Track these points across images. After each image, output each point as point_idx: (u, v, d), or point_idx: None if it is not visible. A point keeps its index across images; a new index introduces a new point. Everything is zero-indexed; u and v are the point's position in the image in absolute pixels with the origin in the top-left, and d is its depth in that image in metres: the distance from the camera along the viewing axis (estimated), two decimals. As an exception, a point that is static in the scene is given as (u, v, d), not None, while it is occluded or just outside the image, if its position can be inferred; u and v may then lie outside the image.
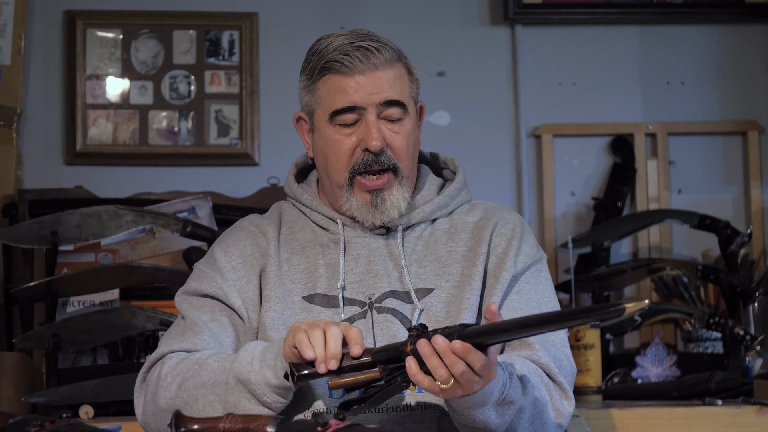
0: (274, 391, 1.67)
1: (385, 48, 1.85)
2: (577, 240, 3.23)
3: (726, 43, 3.68)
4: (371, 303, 1.84)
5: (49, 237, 2.85)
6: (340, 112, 1.85)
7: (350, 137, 1.85)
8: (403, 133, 1.86)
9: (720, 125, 3.65)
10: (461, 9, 3.65)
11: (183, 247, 3.05)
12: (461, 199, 1.96)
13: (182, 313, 1.91)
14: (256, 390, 1.67)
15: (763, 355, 2.95)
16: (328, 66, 1.84)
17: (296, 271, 1.89)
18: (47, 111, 3.52)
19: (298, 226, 1.95)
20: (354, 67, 1.82)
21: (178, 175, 3.52)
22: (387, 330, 1.82)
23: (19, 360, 2.89)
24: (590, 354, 2.84)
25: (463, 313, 1.82)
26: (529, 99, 3.63)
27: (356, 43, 1.84)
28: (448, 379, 1.53)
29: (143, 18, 3.56)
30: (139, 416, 1.86)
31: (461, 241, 1.90)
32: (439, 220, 1.94)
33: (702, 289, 3.31)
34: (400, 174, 1.87)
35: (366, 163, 1.85)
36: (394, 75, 1.85)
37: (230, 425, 1.44)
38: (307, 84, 1.90)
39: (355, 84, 1.83)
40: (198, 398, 1.73)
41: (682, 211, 3.31)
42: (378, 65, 1.83)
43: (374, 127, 1.83)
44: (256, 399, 1.68)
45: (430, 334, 1.55)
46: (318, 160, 1.93)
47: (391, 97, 1.84)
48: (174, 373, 1.77)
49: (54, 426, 1.39)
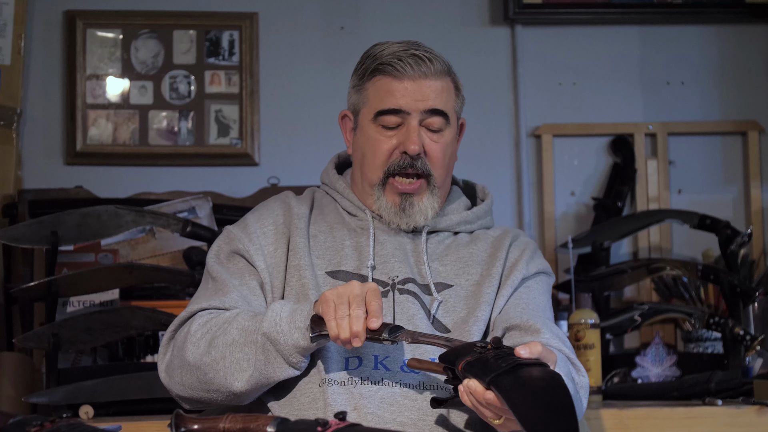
0: (301, 352, 1.74)
1: (437, 60, 1.93)
2: (577, 240, 3.24)
3: (726, 43, 3.68)
4: (394, 284, 1.90)
5: (49, 237, 2.85)
6: (384, 113, 1.92)
7: (391, 139, 1.92)
8: (441, 144, 1.94)
9: (720, 125, 3.65)
10: (461, 9, 3.65)
11: (183, 247, 3.06)
12: (484, 223, 2.05)
13: (212, 275, 1.94)
14: (284, 351, 1.73)
15: (763, 355, 2.95)
16: (380, 68, 1.92)
17: (322, 248, 1.95)
18: (47, 111, 3.52)
19: (329, 210, 2.02)
20: (405, 72, 1.90)
21: (178, 175, 3.52)
22: (406, 310, 1.87)
23: (19, 360, 2.89)
24: (590, 354, 2.84)
25: (481, 306, 1.88)
26: (529, 99, 3.63)
27: (410, 51, 1.92)
28: (496, 416, 1.58)
29: (143, 18, 3.56)
30: (162, 371, 1.88)
31: (482, 247, 1.98)
32: (461, 234, 2.01)
33: (702, 289, 3.31)
34: (432, 182, 1.94)
35: (402, 165, 1.92)
36: (442, 86, 1.93)
37: (230, 425, 1.44)
38: (357, 83, 1.97)
39: (403, 88, 1.91)
40: (226, 356, 1.77)
41: (682, 211, 3.31)
42: (428, 74, 1.91)
43: (415, 132, 1.90)
44: (283, 359, 1.74)
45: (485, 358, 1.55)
46: (356, 157, 2.00)
47: (436, 106, 1.92)
48: (204, 330, 1.81)
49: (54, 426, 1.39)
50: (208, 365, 1.78)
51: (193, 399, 1.85)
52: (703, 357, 3.09)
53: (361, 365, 1.81)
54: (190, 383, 1.81)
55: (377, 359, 1.81)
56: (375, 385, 1.79)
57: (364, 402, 1.76)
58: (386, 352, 1.82)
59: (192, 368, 1.80)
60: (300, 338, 1.72)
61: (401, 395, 1.78)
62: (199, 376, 1.80)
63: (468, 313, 1.88)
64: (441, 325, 1.87)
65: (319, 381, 1.79)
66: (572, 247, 3.15)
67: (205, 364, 1.78)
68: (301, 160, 3.52)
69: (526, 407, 1.42)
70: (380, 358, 1.82)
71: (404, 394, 1.79)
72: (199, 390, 1.81)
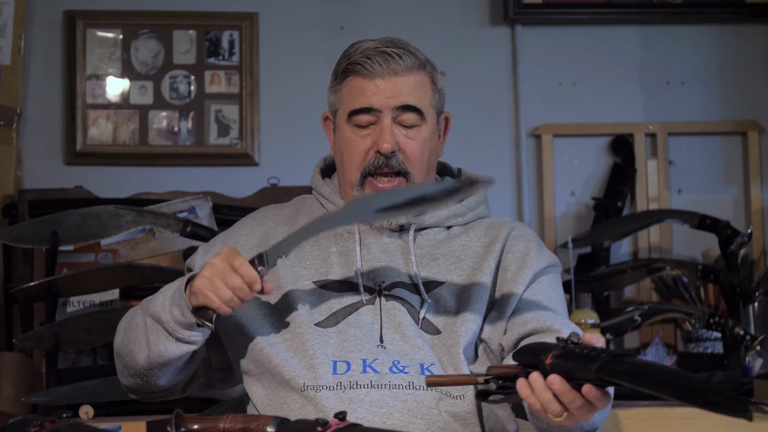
0: (184, 326, 1.77)
1: (408, 55, 1.89)
2: (577, 240, 3.23)
3: (726, 43, 3.68)
4: (380, 290, 1.87)
5: (49, 237, 2.86)
6: (357, 113, 1.89)
7: (365, 139, 1.89)
8: (417, 140, 1.90)
9: (720, 125, 3.65)
10: (461, 9, 3.65)
11: (183, 247, 3.06)
12: (479, 213, 1.99)
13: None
14: (168, 328, 1.77)
15: (763, 355, 2.95)
16: (351, 68, 1.90)
17: (309, 257, 1.92)
18: (47, 111, 3.52)
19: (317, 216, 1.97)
20: (374, 71, 1.87)
21: (178, 175, 3.52)
22: (393, 318, 1.84)
23: (19, 360, 2.89)
24: (590, 354, 2.84)
25: (472, 304, 1.85)
26: (529, 99, 3.63)
27: (381, 48, 1.89)
28: (561, 412, 1.52)
29: (143, 18, 3.56)
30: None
31: (475, 236, 1.94)
32: (454, 228, 1.97)
33: (702, 289, 3.31)
34: (411, 180, 1.89)
35: (377, 165, 1.88)
36: (415, 82, 1.90)
37: (230, 425, 1.44)
38: (333, 84, 1.96)
39: (374, 87, 1.88)
40: (131, 339, 1.86)
41: (682, 211, 3.31)
42: (398, 71, 1.88)
43: (387, 130, 1.87)
44: (172, 336, 1.78)
45: (574, 351, 1.48)
46: (337, 158, 1.98)
47: (408, 102, 1.88)
48: (125, 320, 1.92)
49: (54, 426, 1.39)
50: (122, 349, 1.89)
51: (132, 387, 1.93)
52: (703, 357, 3.09)
53: (350, 369, 1.80)
54: (120, 370, 1.93)
55: (365, 362, 1.80)
56: (364, 389, 1.77)
57: (354, 406, 1.75)
58: (374, 355, 1.80)
59: (117, 355, 1.92)
60: (179, 314, 1.76)
61: (391, 397, 1.77)
62: (121, 360, 1.91)
63: (458, 310, 1.85)
64: (431, 326, 1.85)
65: (308, 386, 1.78)
66: (572, 247, 3.15)
67: (120, 348, 1.90)
68: (301, 160, 3.52)
69: (680, 387, 1.38)
70: (368, 361, 1.80)
71: (394, 395, 1.78)
72: (127, 376, 1.91)
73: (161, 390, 1.92)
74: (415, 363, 1.80)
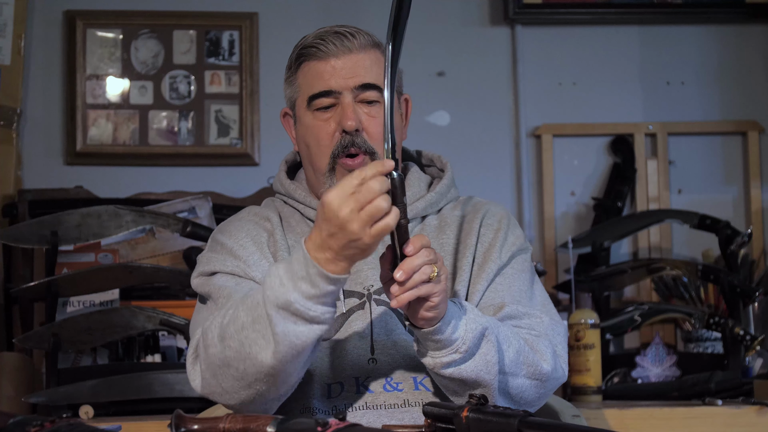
0: (317, 301, 1.59)
1: (361, 34, 1.88)
2: (577, 240, 3.23)
3: (726, 43, 3.68)
4: (369, 294, 1.85)
5: (49, 237, 2.85)
6: (317, 96, 1.86)
7: (328, 122, 1.86)
8: (380, 118, 1.84)
9: (720, 125, 3.65)
10: (461, 9, 3.65)
11: (183, 247, 3.06)
12: (450, 197, 1.97)
13: (206, 291, 1.84)
14: (299, 308, 1.58)
15: (763, 355, 2.95)
16: (305, 53, 1.88)
17: None
18: (47, 111, 3.52)
19: (295, 220, 1.94)
20: (329, 51, 1.85)
21: (178, 175, 3.52)
22: (384, 324, 1.83)
23: (19, 360, 2.89)
24: (590, 354, 2.84)
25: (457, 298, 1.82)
26: (529, 99, 3.63)
27: (333, 29, 1.87)
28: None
29: (143, 18, 3.56)
30: (199, 389, 1.75)
31: (451, 233, 1.91)
32: (429, 216, 1.94)
33: (702, 289, 3.31)
34: (377, 159, 1.84)
35: (344, 144, 1.84)
36: (371, 60, 1.87)
37: (230, 425, 1.44)
38: (288, 76, 1.93)
39: (331, 68, 1.85)
40: (243, 341, 1.63)
41: (682, 211, 3.32)
42: (352, 49, 1.86)
43: (350, 108, 1.84)
44: (302, 318, 1.59)
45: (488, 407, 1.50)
46: (302, 151, 1.93)
47: (367, 80, 1.85)
48: (213, 329, 1.70)
49: (54, 426, 1.39)
50: (233, 358, 1.65)
51: (247, 402, 1.71)
52: (703, 357, 3.09)
53: (344, 390, 1.78)
54: (230, 386, 1.69)
55: (359, 381, 1.78)
56: (360, 410, 1.76)
57: None
58: (366, 373, 1.79)
59: (223, 368, 1.68)
60: (309, 287, 1.57)
61: (387, 417, 1.76)
62: (232, 373, 1.67)
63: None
64: None
65: (303, 410, 1.77)
66: (572, 247, 3.15)
67: (230, 358, 1.65)
68: (301, 160, 3.52)
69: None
70: (361, 380, 1.79)
71: (390, 415, 1.76)
72: (242, 389, 1.68)
73: (284, 394, 1.73)
74: (408, 378, 1.79)
